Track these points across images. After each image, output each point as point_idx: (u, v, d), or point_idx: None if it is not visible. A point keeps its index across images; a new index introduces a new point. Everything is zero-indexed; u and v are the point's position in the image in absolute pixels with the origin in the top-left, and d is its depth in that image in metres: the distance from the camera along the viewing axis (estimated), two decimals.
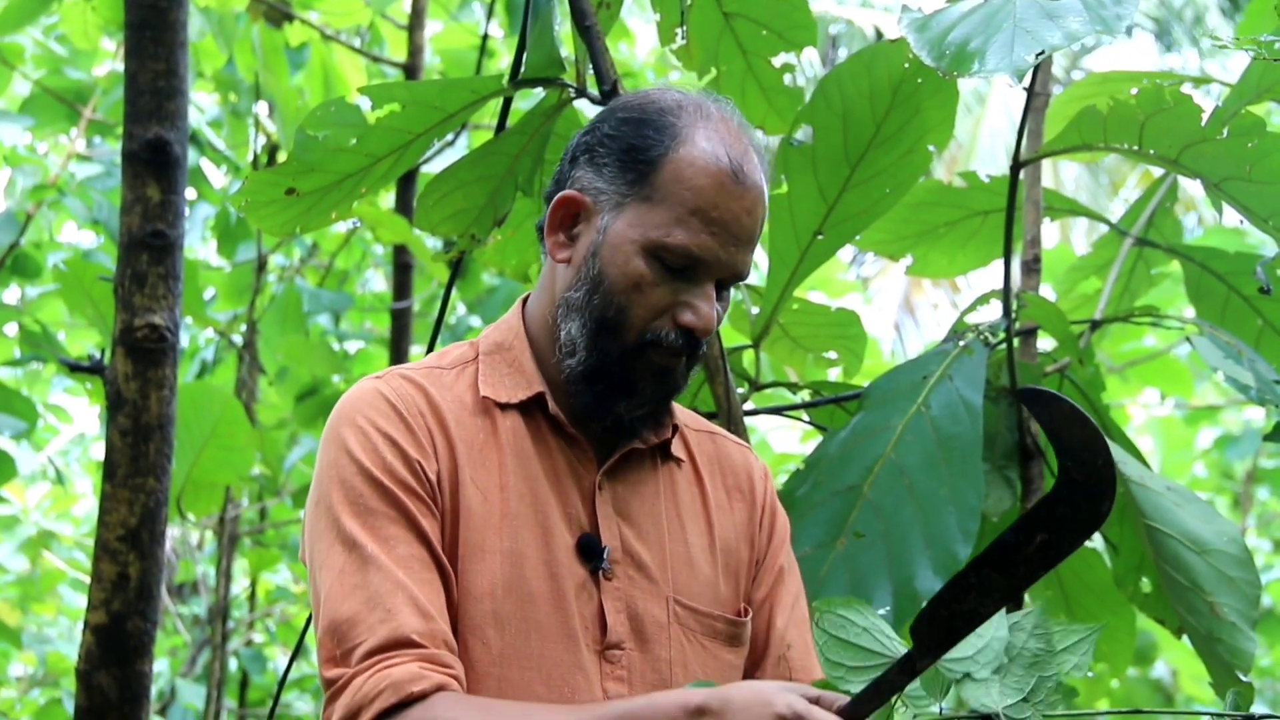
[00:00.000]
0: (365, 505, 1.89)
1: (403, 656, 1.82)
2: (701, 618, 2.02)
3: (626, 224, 1.95)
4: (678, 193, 1.93)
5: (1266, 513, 10.19)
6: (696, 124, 1.97)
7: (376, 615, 1.83)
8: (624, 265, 1.94)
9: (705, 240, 1.93)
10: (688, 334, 1.95)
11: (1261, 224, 2.78)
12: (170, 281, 2.98)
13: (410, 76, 5.29)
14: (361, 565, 1.86)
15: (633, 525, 2.01)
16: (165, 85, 2.97)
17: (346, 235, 6.26)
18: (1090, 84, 3.49)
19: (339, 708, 1.81)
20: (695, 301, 1.94)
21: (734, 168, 1.94)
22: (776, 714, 1.69)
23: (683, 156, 1.95)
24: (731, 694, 1.74)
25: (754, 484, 2.15)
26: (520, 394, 2.00)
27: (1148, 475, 2.97)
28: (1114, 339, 6.43)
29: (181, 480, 4.77)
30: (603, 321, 1.95)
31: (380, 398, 1.95)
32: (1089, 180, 13.33)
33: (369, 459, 1.91)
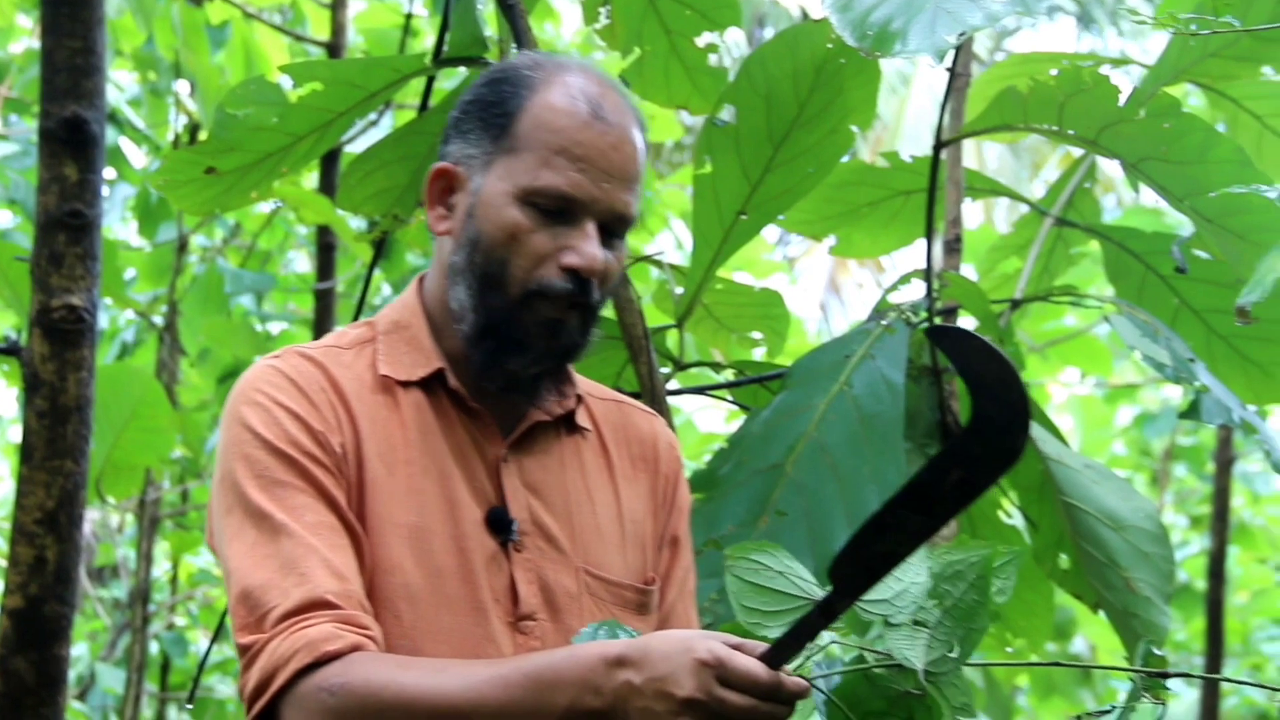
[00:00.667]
0: (272, 477, 1.88)
1: (318, 617, 1.80)
2: (611, 587, 2.02)
3: (496, 179, 1.95)
4: (539, 136, 1.93)
5: (1183, 489, 10.34)
6: (552, 74, 1.97)
7: (290, 580, 1.82)
8: (498, 218, 1.93)
9: (574, 177, 1.92)
10: (574, 277, 1.92)
11: (1177, 204, 2.82)
12: (88, 262, 2.94)
13: (333, 55, 5.25)
14: (272, 535, 1.85)
15: (541, 497, 2.00)
16: (82, 63, 2.93)
17: (269, 215, 6.21)
18: (1011, 65, 3.52)
19: (255, 672, 1.80)
20: (576, 243, 1.92)
21: (592, 106, 1.94)
22: (698, 659, 1.68)
23: (539, 101, 1.95)
24: (651, 643, 1.73)
25: (659, 454, 2.14)
26: (420, 371, 1.99)
27: (1066, 453, 3.01)
28: (1034, 318, 6.50)
29: (101, 462, 4.72)
30: (485, 278, 1.94)
31: (278, 374, 1.94)
32: (1011, 161, 13.43)
33: (271, 432, 1.89)
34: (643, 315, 2.85)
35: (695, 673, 1.68)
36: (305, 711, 1.77)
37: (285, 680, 1.78)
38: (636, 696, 1.71)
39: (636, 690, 1.71)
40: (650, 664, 1.71)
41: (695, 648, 1.69)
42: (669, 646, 1.71)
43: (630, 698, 1.71)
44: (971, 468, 1.62)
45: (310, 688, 1.77)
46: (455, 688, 1.76)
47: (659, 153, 11.93)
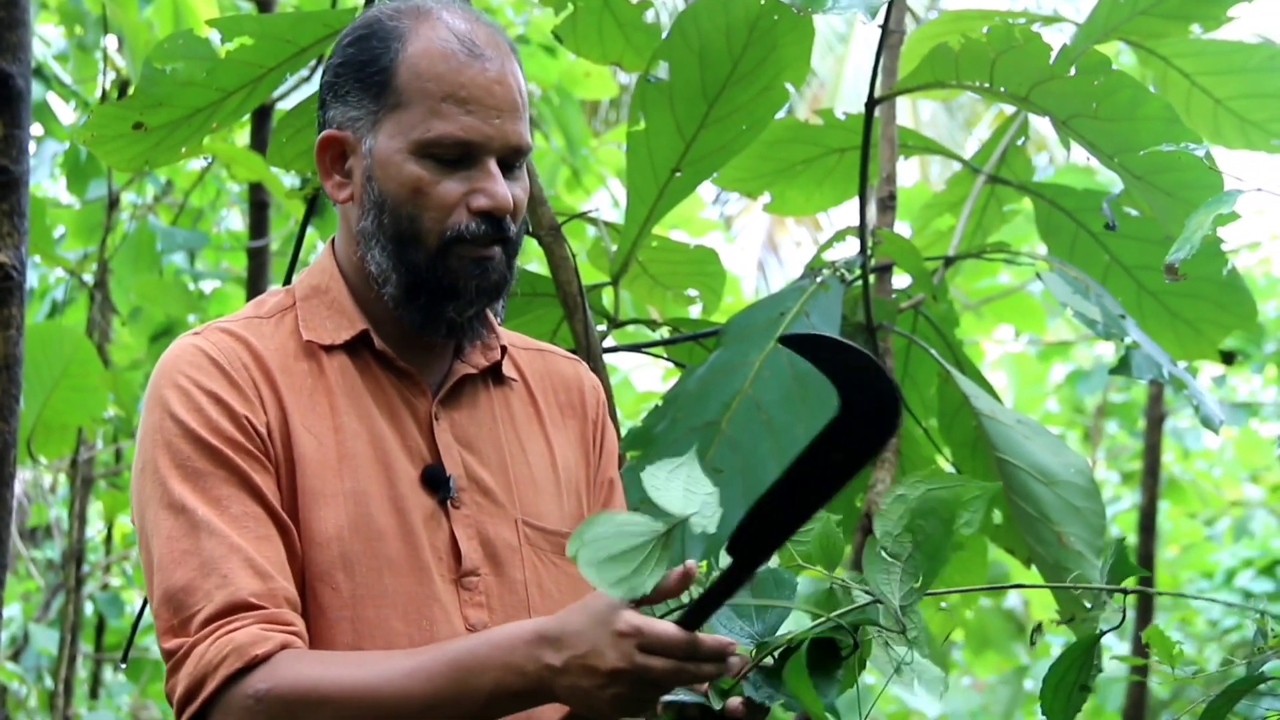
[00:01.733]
0: (193, 467, 1.86)
1: (243, 620, 1.80)
2: (550, 536, 2.02)
3: (387, 137, 1.93)
4: (420, 87, 1.92)
5: (1115, 446, 10.46)
6: (417, 21, 1.96)
7: (212, 581, 1.81)
8: (399, 176, 1.92)
9: (465, 121, 1.91)
10: (487, 218, 1.92)
11: (1108, 161, 2.84)
12: (15, 219, 2.90)
13: (263, 10, 5.19)
14: (192, 530, 1.84)
15: (474, 452, 2.00)
16: (5, 16, 2.88)
17: (201, 172, 6.14)
18: (944, 22, 3.52)
19: (182, 678, 1.80)
20: (483, 184, 1.92)
21: (466, 45, 1.93)
22: (616, 631, 1.71)
23: (412, 53, 1.93)
24: (568, 620, 1.75)
25: (584, 398, 2.15)
26: (344, 334, 1.98)
27: (999, 409, 3.03)
28: (968, 275, 6.54)
29: (32, 422, 4.68)
30: (399, 238, 1.93)
31: (200, 354, 1.91)
32: (945, 118, 13.48)
33: (193, 419, 1.87)
34: (578, 273, 2.84)
35: (615, 644, 1.71)
36: (230, 716, 1.78)
37: (215, 687, 1.78)
38: (560, 675, 1.73)
39: (559, 670, 1.73)
40: (569, 642, 1.73)
41: (612, 620, 1.72)
42: (585, 621, 1.74)
43: (554, 677, 1.74)
44: (850, 449, 1.71)
45: (239, 695, 1.78)
46: (379, 682, 1.78)
47: (594, 110, 11.89)
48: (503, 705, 1.77)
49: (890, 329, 3.14)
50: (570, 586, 2.02)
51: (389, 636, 1.89)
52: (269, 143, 3.08)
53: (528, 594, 1.98)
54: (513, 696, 1.76)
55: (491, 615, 1.95)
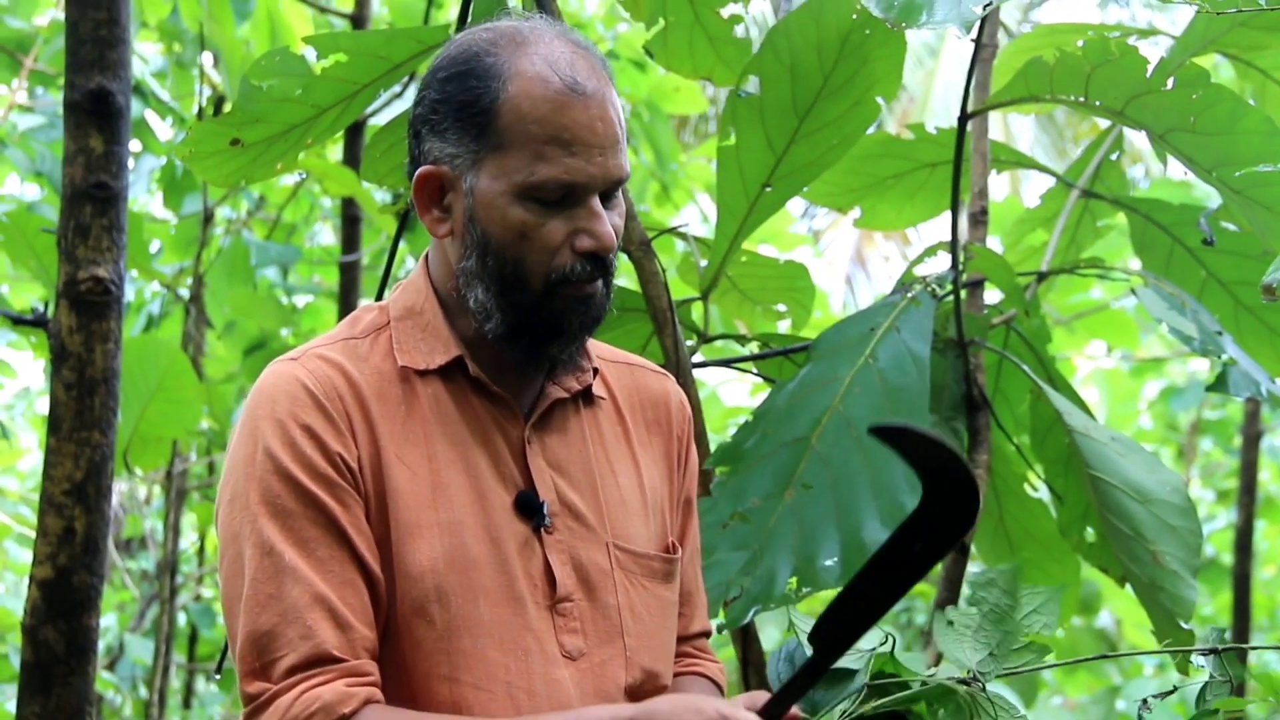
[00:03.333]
0: (283, 506, 1.86)
1: (326, 674, 1.82)
2: (639, 559, 2.02)
3: (490, 178, 1.91)
4: (524, 130, 1.89)
5: (1210, 463, 10.30)
6: (515, 56, 1.92)
7: (295, 630, 1.82)
8: (503, 219, 1.91)
9: (570, 163, 1.89)
10: (592, 258, 1.92)
11: (1205, 175, 2.80)
12: (114, 234, 2.95)
13: (357, 26, 5.24)
14: (277, 573, 1.84)
15: (565, 475, 2.00)
16: (107, 34, 2.93)
17: (294, 188, 6.21)
18: (1038, 36, 3.50)
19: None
20: (587, 225, 1.91)
21: (568, 83, 1.90)
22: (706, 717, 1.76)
23: (514, 93, 1.90)
24: (658, 705, 1.81)
25: (671, 414, 2.14)
26: (438, 359, 1.97)
27: (1092, 426, 3.00)
28: (1060, 291, 6.47)
29: (128, 434, 4.74)
30: (503, 280, 1.93)
31: (298, 384, 1.91)
32: (1039, 133, 13.37)
33: (287, 454, 1.87)
34: (668, 288, 2.85)
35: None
36: None
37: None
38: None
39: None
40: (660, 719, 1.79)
41: (703, 707, 1.78)
42: (676, 705, 1.79)
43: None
44: (931, 539, 1.78)
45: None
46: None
47: (683, 125, 11.90)
48: None
49: (982, 345, 3.12)
50: (660, 609, 2.03)
51: (485, 667, 1.90)
52: (362, 158, 3.10)
53: (620, 618, 1.98)
54: None
55: (586, 640, 1.95)
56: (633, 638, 1.97)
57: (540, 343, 1.95)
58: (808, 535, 2.61)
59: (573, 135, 1.89)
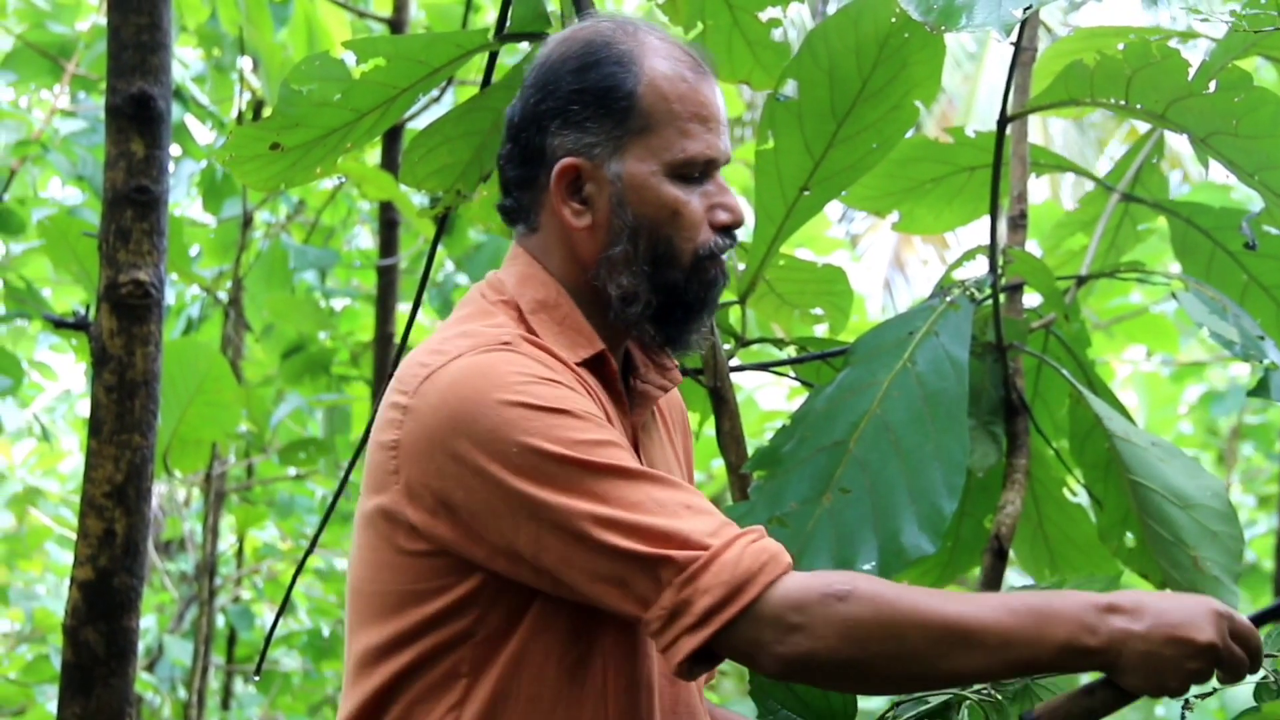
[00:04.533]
0: (592, 439, 1.80)
1: (753, 532, 1.77)
2: None
3: (637, 160, 1.94)
4: (669, 109, 1.95)
5: (1251, 469, 10.23)
6: (640, 42, 1.98)
7: (686, 513, 1.77)
8: (657, 199, 1.94)
9: (709, 139, 1.96)
10: (727, 231, 1.98)
11: (1248, 179, 2.78)
12: (155, 237, 2.96)
13: (395, 31, 5.26)
14: (635, 482, 1.78)
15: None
16: (148, 39, 2.95)
17: (332, 191, 6.23)
18: (1078, 39, 3.48)
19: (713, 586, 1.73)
20: (721, 199, 1.97)
21: (690, 61, 1.98)
22: (1215, 610, 1.77)
23: (653, 76, 1.96)
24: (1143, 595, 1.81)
25: (686, 419, 2.21)
26: (583, 352, 1.96)
27: (1132, 431, 2.98)
28: (1100, 295, 6.44)
29: (168, 437, 4.77)
30: (656, 260, 1.95)
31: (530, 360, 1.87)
32: (1076, 136, 13.30)
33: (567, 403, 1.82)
34: None
35: (1214, 621, 1.77)
36: (805, 614, 1.73)
37: (760, 589, 1.74)
38: (1139, 641, 1.77)
39: (1139, 636, 1.77)
40: (1152, 612, 1.77)
41: (1209, 600, 1.79)
42: (1168, 601, 1.79)
43: (1130, 642, 1.77)
44: None
45: (810, 594, 1.74)
46: (963, 610, 1.77)
47: None
48: (1069, 660, 1.79)
49: (1021, 349, 3.10)
50: None
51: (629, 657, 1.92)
52: (400, 162, 3.11)
53: None
54: (1082, 653, 1.78)
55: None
56: None
57: (688, 320, 1.98)
58: (845, 539, 2.60)
59: (708, 111, 1.97)
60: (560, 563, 1.80)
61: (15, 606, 7.04)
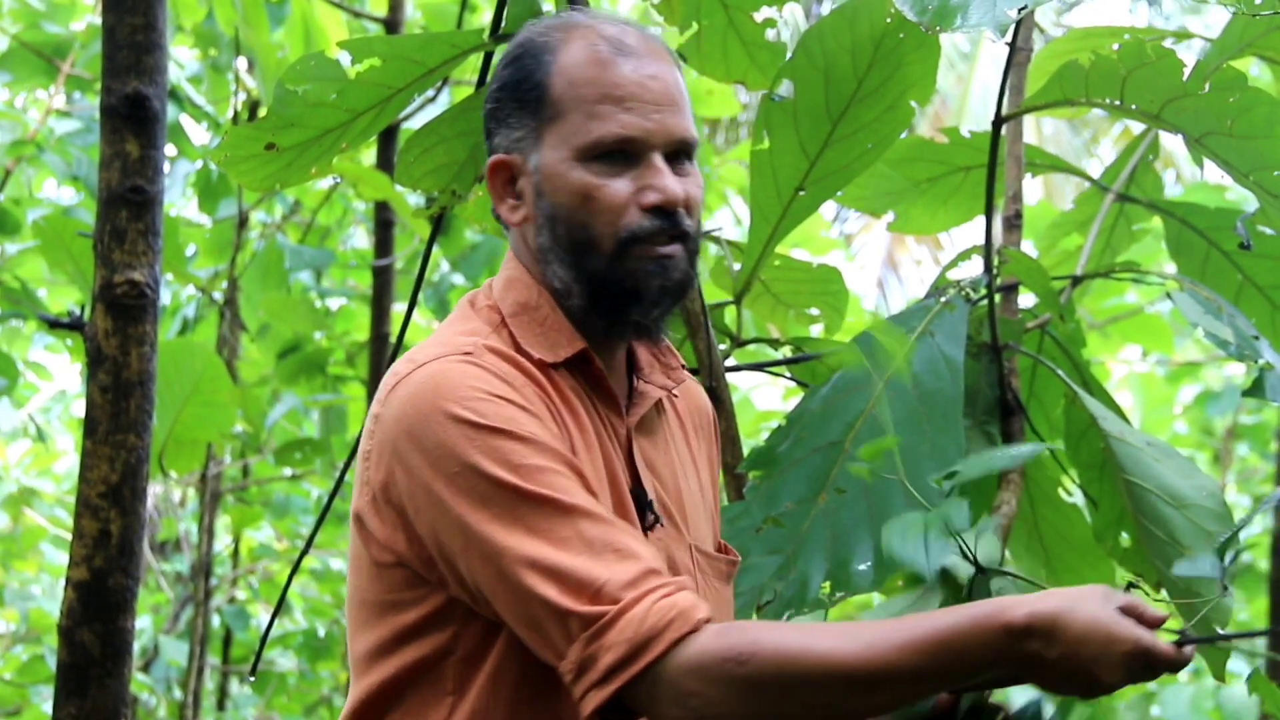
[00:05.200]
0: (529, 464, 1.79)
1: (668, 585, 1.74)
2: (711, 561, 2.02)
3: (551, 149, 1.92)
4: (576, 94, 1.91)
5: (1246, 469, 10.24)
6: (566, 33, 1.96)
7: (609, 555, 1.75)
8: (566, 185, 1.91)
9: (624, 119, 1.90)
10: (659, 212, 1.91)
11: (1242, 179, 2.78)
12: (150, 238, 2.96)
13: (391, 31, 5.26)
14: (564, 517, 1.77)
15: (657, 476, 1.99)
16: (143, 39, 2.95)
17: (328, 191, 6.24)
18: (1072, 39, 3.48)
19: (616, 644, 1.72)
20: (649, 180, 1.90)
21: (614, 45, 1.92)
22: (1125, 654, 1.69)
23: (564, 62, 1.93)
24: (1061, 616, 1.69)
25: (711, 421, 2.17)
26: (563, 352, 1.94)
27: (1128, 431, 2.98)
28: (1095, 295, 6.45)
29: (163, 437, 4.77)
30: (574, 247, 1.92)
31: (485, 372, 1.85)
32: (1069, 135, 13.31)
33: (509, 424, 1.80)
34: (700, 291, 2.84)
35: (1125, 664, 1.69)
36: (702, 680, 1.71)
37: (662, 650, 1.71)
38: (1047, 669, 1.71)
39: (1048, 664, 1.70)
40: (1066, 642, 1.68)
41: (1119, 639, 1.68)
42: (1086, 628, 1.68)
43: (1039, 666, 1.71)
44: None
45: (707, 658, 1.71)
46: (872, 655, 1.71)
47: (713, 128, 11.89)
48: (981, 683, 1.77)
49: (1016, 349, 3.11)
50: (725, 611, 2.03)
51: None
52: (396, 162, 3.11)
53: None
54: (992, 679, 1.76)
55: None
56: None
57: (620, 308, 1.92)
58: (841, 540, 2.60)
59: (624, 91, 1.90)
60: (489, 593, 1.80)
61: (10, 607, 7.04)
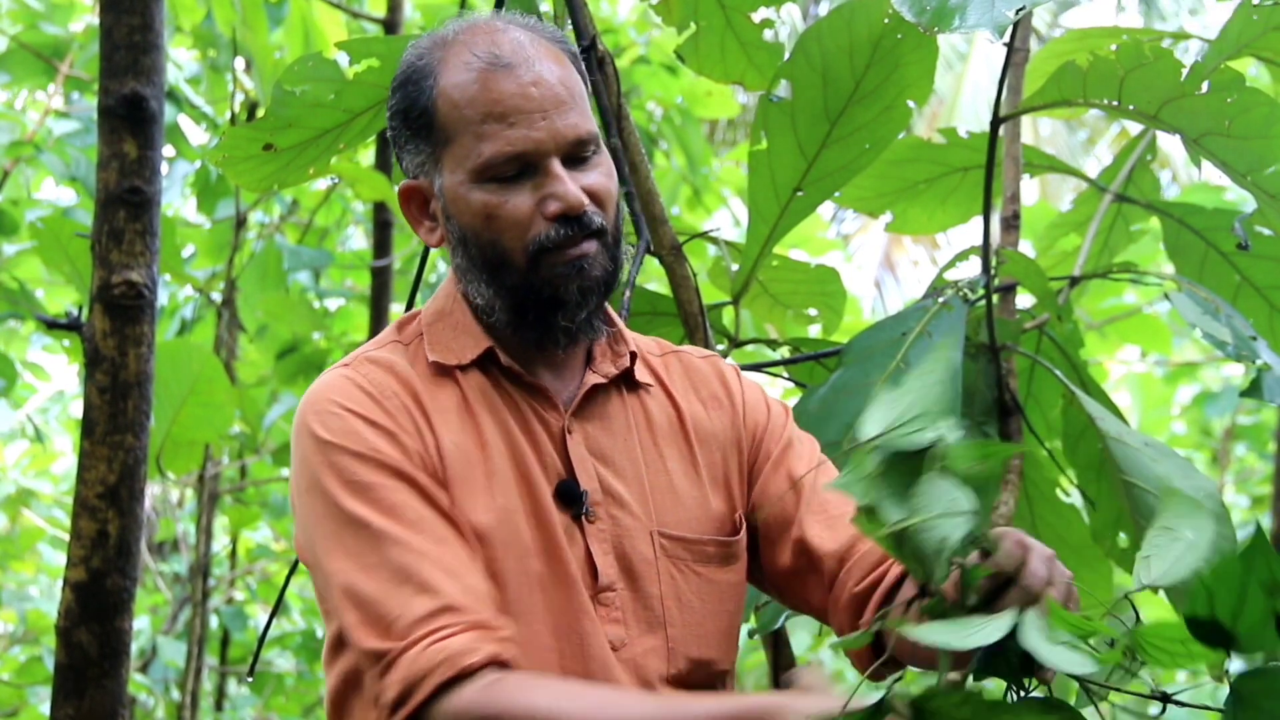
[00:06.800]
0: (361, 480, 1.86)
1: (453, 625, 1.79)
2: (689, 545, 2.00)
3: (449, 173, 1.95)
4: (459, 116, 1.93)
5: (1244, 469, 10.24)
6: (444, 51, 1.97)
7: (408, 588, 1.81)
8: (468, 208, 1.94)
9: (511, 135, 1.91)
10: (564, 220, 1.92)
11: (1240, 179, 2.78)
12: (148, 238, 2.96)
13: (390, 32, 5.26)
14: (375, 543, 1.83)
15: (609, 464, 1.99)
16: (141, 40, 2.95)
17: (326, 192, 6.24)
18: (1070, 40, 3.48)
19: (393, 684, 1.78)
20: (550, 190, 1.92)
21: (488, 59, 1.93)
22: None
23: (443, 87, 1.95)
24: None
25: (728, 386, 2.12)
26: (470, 353, 1.98)
27: (1125, 431, 2.98)
28: (1093, 295, 6.45)
29: (161, 438, 4.76)
30: (489, 266, 1.95)
31: (350, 384, 1.93)
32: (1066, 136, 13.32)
33: (350, 440, 1.88)
34: (699, 292, 2.85)
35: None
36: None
37: (424, 696, 1.77)
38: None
39: None
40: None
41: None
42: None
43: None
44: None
45: (465, 710, 1.76)
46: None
47: (712, 129, 11.90)
48: None
49: (1014, 349, 3.11)
50: (715, 595, 2.01)
51: (540, 653, 1.89)
52: (393, 163, 3.11)
53: (663, 608, 1.97)
54: None
55: (627, 631, 1.94)
56: (676, 628, 1.96)
57: (545, 317, 1.95)
58: None
59: (505, 107, 1.92)
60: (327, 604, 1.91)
61: (8, 608, 7.04)
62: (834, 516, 2.02)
